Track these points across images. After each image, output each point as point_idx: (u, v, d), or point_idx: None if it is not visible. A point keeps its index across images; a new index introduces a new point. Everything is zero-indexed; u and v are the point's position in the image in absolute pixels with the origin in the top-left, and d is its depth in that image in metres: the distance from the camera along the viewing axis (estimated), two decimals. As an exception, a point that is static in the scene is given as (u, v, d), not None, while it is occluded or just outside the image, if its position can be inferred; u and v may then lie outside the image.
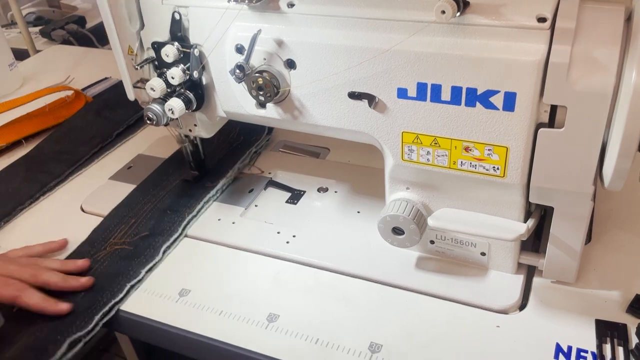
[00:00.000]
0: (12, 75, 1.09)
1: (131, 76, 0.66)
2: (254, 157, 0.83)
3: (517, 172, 0.52)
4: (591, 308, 0.56)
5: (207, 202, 0.74)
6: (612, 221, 0.66)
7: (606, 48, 0.46)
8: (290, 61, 0.56)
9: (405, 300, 0.60)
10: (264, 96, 0.58)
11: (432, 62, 0.50)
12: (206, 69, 0.63)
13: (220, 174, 0.78)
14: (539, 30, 0.46)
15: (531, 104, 0.48)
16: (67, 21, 1.37)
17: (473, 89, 0.49)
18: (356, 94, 0.55)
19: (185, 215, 0.71)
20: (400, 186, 0.61)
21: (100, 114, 0.95)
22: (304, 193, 0.76)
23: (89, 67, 1.15)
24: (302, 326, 0.57)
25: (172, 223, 0.70)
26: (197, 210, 0.73)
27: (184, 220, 0.71)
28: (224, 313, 0.60)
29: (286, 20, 0.56)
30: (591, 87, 0.45)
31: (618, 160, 0.45)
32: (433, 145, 0.54)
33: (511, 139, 0.50)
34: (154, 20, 0.63)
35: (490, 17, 0.48)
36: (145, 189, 0.77)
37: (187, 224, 0.71)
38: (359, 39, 0.53)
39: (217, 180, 0.77)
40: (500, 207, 0.56)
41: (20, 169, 0.84)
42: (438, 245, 0.62)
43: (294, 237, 0.68)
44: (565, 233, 0.55)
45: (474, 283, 0.60)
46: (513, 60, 0.47)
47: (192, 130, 0.71)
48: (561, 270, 0.58)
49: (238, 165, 0.80)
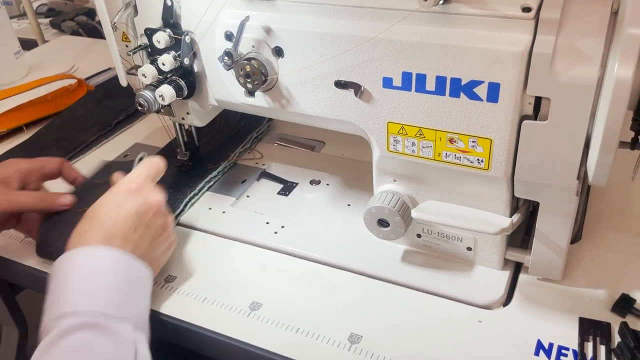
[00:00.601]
0: (18, 63, 1.10)
1: (125, 63, 0.66)
2: (254, 142, 0.84)
3: (501, 165, 0.51)
4: (576, 306, 0.56)
5: (208, 182, 0.76)
6: (603, 220, 0.65)
7: (591, 40, 0.45)
8: (278, 49, 0.56)
9: (389, 293, 0.59)
10: (252, 84, 0.58)
11: (416, 52, 0.50)
12: (197, 56, 0.63)
13: (222, 157, 0.80)
14: (523, 20, 0.46)
15: (515, 95, 0.47)
16: (77, 13, 1.39)
17: (457, 79, 0.49)
18: (342, 82, 0.55)
19: (188, 193, 0.73)
20: (388, 178, 0.60)
21: (100, 102, 0.96)
22: (296, 185, 0.76)
23: (95, 57, 1.16)
24: (284, 315, 0.57)
25: (174, 200, 0.71)
26: (198, 189, 0.74)
27: (185, 197, 0.72)
28: (207, 300, 0.60)
29: (274, 7, 0.56)
30: (575, 79, 0.45)
31: (600, 155, 0.44)
32: (418, 136, 0.54)
33: (495, 131, 0.50)
34: (147, 6, 0.63)
35: (475, 6, 0.47)
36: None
37: (189, 201, 0.72)
38: (346, 27, 0.52)
39: (218, 163, 0.78)
40: (485, 201, 0.56)
41: (19, 155, 0.84)
42: (424, 239, 0.62)
43: (283, 228, 0.68)
44: (551, 229, 0.54)
45: (459, 278, 0.60)
46: (497, 50, 0.46)
47: (185, 118, 0.71)
48: (547, 267, 0.57)
49: (239, 149, 0.81)
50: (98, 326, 0.48)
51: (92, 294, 0.51)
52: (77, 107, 0.95)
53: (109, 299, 0.51)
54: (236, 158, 0.81)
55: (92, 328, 0.48)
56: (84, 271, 0.52)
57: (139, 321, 0.52)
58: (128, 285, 0.53)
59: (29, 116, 0.93)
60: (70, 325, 0.48)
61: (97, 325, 0.48)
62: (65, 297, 0.50)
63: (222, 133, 0.84)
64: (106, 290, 0.51)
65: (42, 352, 0.47)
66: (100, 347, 0.47)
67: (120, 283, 0.53)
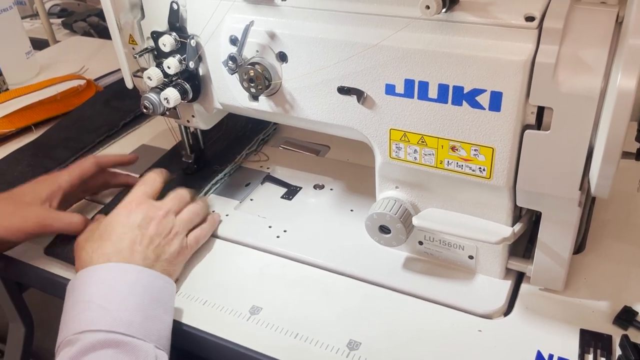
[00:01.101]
0: (29, 63, 1.11)
1: (131, 65, 0.67)
2: (261, 145, 0.85)
3: (503, 174, 0.51)
4: (577, 317, 0.55)
5: (214, 184, 0.76)
6: (607, 231, 0.65)
7: (595, 50, 0.45)
8: (282, 54, 0.56)
9: (389, 299, 0.59)
10: (256, 88, 0.58)
11: (419, 59, 0.49)
12: (203, 60, 0.63)
13: (228, 158, 0.80)
14: (526, 29, 0.46)
15: (517, 105, 0.47)
16: (89, 14, 1.40)
17: (459, 87, 0.49)
18: (345, 88, 0.55)
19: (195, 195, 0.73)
20: (390, 184, 0.60)
21: (108, 103, 0.96)
22: (299, 189, 0.76)
23: (105, 58, 1.17)
24: (283, 320, 0.57)
25: None
26: (205, 191, 0.75)
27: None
28: (208, 303, 0.60)
29: (279, 13, 0.56)
30: (578, 89, 0.45)
31: (602, 166, 0.44)
32: (420, 143, 0.54)
33: (497, 139, 0.50)
34: (154, 10, 0.63)
35: (478, 14, 0.47)
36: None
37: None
38: (349, 34, 0.52)
39: (225, 164, 0.79)
40: (487, 210, 0.55)
41: (27, 154, 0.85)
42: (426, 247, 0.62)
43: (285, 232, 0.68)
44: (553, 240, 0.54)
45: (460, 286, 0.59)
46: (500, 59, 0.46)
47: (190, 121, 0.71)
48: (549, 278, 0.57)
49: (246, 151, 0.82)
50: (120, 343, 0.49)
51: (114, 311, 0.51)
52: (85, 107, 0.96)
53: (131, 319, 0.51)
54: (242, 160, 0.81)
55: (115, 346, 0.49)
56: (104, 288, 0.53)
57: (160, 339, 0.53)
58: (150, 301, 0.54)
59: (38, 116, 0.94)
60: (93, 342, 0.49)
61: (120, 343, 0.49)
62: (86, 314, 0.51)
63: (229, 135, 0.85)
64: (128, 309, 0.52)
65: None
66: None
67: (142, 300, 0.54)
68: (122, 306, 0.52)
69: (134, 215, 0.60)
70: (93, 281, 0.54)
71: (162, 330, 0.54)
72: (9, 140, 0.91)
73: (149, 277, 0.56)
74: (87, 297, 0.53)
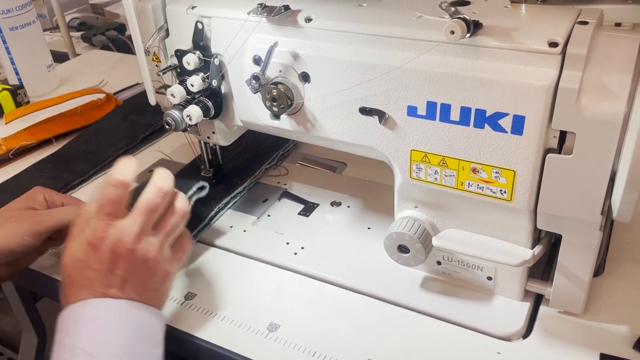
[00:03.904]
0: (50, 76, 1.13)
1: (154, 82, 0.68)
2: (280, 160, 0.86)
3: (524, 197, 0.51)
4: (597, 341, 0.55)
5: (234, 198, 0.77)
6: (627, 254, 0.64)
7: (618, 76, 0.45)
8: (305, 74, 0.57)
9: (407, 319, 0.59)
10: (278, 107, 0.59)
11: (442, 82, 0.50)
12: (225, 78, 0.64)
13: (248, 172, 0.81)
14: (550, 54, 0.46)
15: (540, 129, 0.47)
16: (108, 27, 1.42)
17: (482, 110, 0.49)
18: (367, 109, 0.55)
19: (214, 207, 0.74)
20: (409, 204, 0.60)
21: (128, 117, 0.98)
22: (317, 206, 0.76)
23: (124, 72, 1.19)
24: (301, 338, 0.58)
25: (200, 213, 0.72)
26: (224, 203, 0.75)
27: (211, 211, 0.73)
28: (226, 319, 0.61)
29: (303, 34, 0.57)
30: (601, 115, 0.45)
31: (625, 191, 0.44)
32: (441, 164, 0.54)
33: (519, 162, 0.50)
34: (179, 28, 0.65)
35: (502, 39, 0.48)
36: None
37: (215, 215, 0.74)
38: (372, 56, 0.53)
39: (244, 178, 0.80)
40: (507, 232, 0.56)
41: (47, 167, 0.87)
42: (444, 267, 0.62)
43: (302, 249, 0.69)
44: (574, 263, 0.54)
45: (478, 307, 0.59)
46: (523, 84, 0.47)
47: (210, 137, 0.72)
48: (568, 301, 0.57)
49: (266, 165, 0.83)
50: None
51: (99, 357, 0.49)
52: (105, 121, 0.97)
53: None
54: (262, 175, 0.82)
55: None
56: (89, 330, 0.50)
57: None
58: (137, 339, 0.51)
59: (59, 129, 0.95)
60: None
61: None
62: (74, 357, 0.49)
63: (249, 149, 0.86)
64: (115, 354, 0.49)
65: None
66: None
67: (129, 339, 0.51)
68: (108, 350, 0.49)
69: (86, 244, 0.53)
70: (78, 321, 0.51)
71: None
72: (30, 152, 0.93)
73: (137, 312, 0.53)
74: (73, 342, 0.50)
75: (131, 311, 0.53)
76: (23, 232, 0.61)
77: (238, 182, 0.79)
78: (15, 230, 0.61)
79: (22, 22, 1.06)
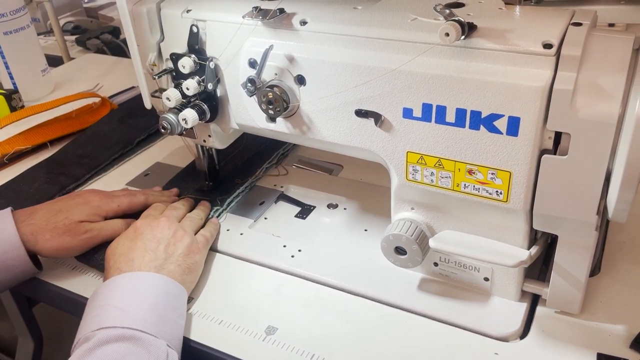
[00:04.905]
0: (45, 80, 1.13)
1: (149, 86, 0.68)
2: (281, 159, 0.87)
3: (520, 198, 0.51)
4: (594, 341, 0.55)
5: (236, 197, 0.78)
6: (623, 254, 0.65)
7: (612, 77, 0.45)
8: (301, 77, 0.57)
9: (404, 321, 0.59)
10: (274, 110, 0.59)
11: (437, 84, 0.50)
12: (221, 81, 0.64)
13: (249, 172, 0.82)
14: (544, 56, 0.46)
15: (535, 130, 0.48)
16: (102, 31, 1.42)
17: (477, 112, 0.49)
18: (363, 112, 0.55)
19: (217, 205, 0.75)
20: (405, 206, 0.61)
21: (123, 121, 0.97)
22: (313, 208, 0.76)
23: (118, 76, 1.18)
24: (299, 341, 0.58)
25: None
26: (227, 203, 0.76)
27: (211, 211, 0.75)
28: (223, 322, 0.60)
29: (298, 37, 0.57)
30: (596, 116, 0.45)
31: (620, 191, 0.44)
32: (437, 166, 0.54)
33: (514, 164, 0.50)
34: (174, 32, 0.65)
35: (497, 41, 0.48)
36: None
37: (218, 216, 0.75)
38: (367, 58, 0.53)
39: (246, 178, 0.81)
40: (503, 232, 0.56)
41: (43, 171, 0.86)
42: (441, 268, 0.62)
43: (300, 252, 0.69)
44: (570, 263, 0.54)
45: (475, 308, 0.60)
46: (517, 85, 0.47)
47: (207, 140, 0.72)
48: (565, 301, 0.57)
49: (266, 165, 0.84)
50: (134, 338, 0.52)
51: (129, 311, 0.54)
52: (100, 125, 0.97)
53: (145, 318, 0.54)
54: (263, 174, 0.83)
55: (129, 340, 0.51)
56: (121, 292, 0.57)
57: (172, 339, 0.55)
58: (164, 305, 0.57)
59: (54, 133, 0.95)
60: (108, 336, 0.51)
61: (133, 338, 0.52)
62: (105, 314, 0.54)
63: (249, 149, 0.86)
64: (143, 309, 0.55)
65: (79, 358, 0.50)
66: (134, 355, 0.50)
67: (157, 303, 0.56)
68: (138, 306, 0.55)
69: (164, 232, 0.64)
70: (112, 288, 0.58)
71: (174, 332, 0.56)
72: (25, 157, 0.92)
73: (166, 284, 0.59)
74: (106, 302, 0.56)
75: (161, 281, 0.59)
76: (73, 249, 0.66)
77: (239, 182, 0.80)
78: (68, 245, 0.65)
79: (16, 27, 1.05)
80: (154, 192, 0.77)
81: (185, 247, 0.64)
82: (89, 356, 0.50)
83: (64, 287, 0.67)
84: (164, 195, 0.76)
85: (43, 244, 0.64)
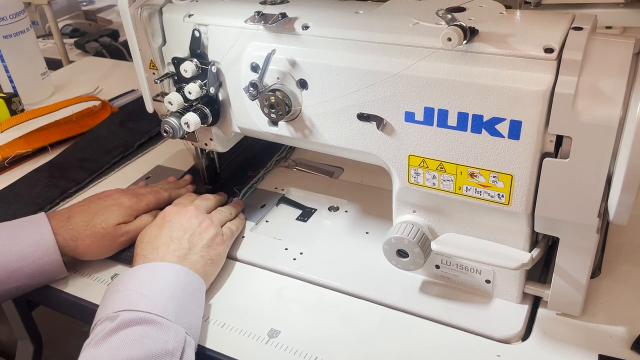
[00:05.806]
0: (44, 83, 1.13)
1: (151, 89, 0.68)
2: (289, 152, 0.88)
3: (521, 201, 0.52)
4: (595, 342, 0.55)
5: (250, 188, 0.80)
6: (623, 256, 0.65)
7: (613, 80, 0.46)
8: (303, 81, 0.58)
9: (406, 323, 0.60)
10: (276, 114, 0.59)
11: (439, 88, 0.51)
12: (223, 85, 0.64)
13: (260, 164, 0.84)
14: (545, 60, 0.47)
15: (536, 133, 0.48)
16: (101, 34, 1.42)
17: (479, 115, 0.50)
18: (365, 115, 0.56)
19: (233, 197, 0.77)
20: (407, 209, 0.61)
21: (124, 124, 0.98)
22: (314, 211, 0.77)
23: (118, 79, 1.18)
24: (302, 343, 0.58)
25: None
26: (242, 194, 0.78)
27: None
28: (226, 326, 0.61)
29: (300, 41, 0.57)
30: (597, 119, 0.45)
31: (622, 194, 0.45)
32: (439, 169, 0.55)
33: (516, 167, 0.50)
34: (176, 36, 0.65)
35: (498, 46, 0.48)
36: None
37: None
38: (369, 62, 0.54)
39: (257, 170, 0.83)
40: (505, 235, 0.56)
41: (43, 175, 0.86)
42: (443, 270, 0.62)
43: (301, 255, 0.69)
44: (571, 265, 0.55)
45: (477, 310, 0.60)
46: (519, 89, 0.47)
47: (208, 144, 0.72)
48: (566, 303, 0.57)
49: (276, 158, 0.86)
50: (154, 322, 0.53)
51: (151, 297, 0.56)
52: (100, 128, 0.97)
53: (166, 305, 0.56)
54: (273, 166, 0.85)
55: (149, 323, 0.53)
56: (144, 279, 0.59)
57: (190, 328, 0.56)
58: (184, 295, 0.58)
59: (54, 136, 0.95)
60: (130, 318, 0.53)
61: (154, 322, 0.53)
62: (128, 297, 0.56)
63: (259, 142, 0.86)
64: (163, 298, 0.56)
65: (101, 338, 0.52)
66: (153, 338, 0.52)
67: (177, 293, 0.58)
68: (159, 294, 0.56)
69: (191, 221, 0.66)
70: (137, 275, 0.59)
71: (193, 321, 0.57)
72: (26, 160, 0.92)
73: (186, 275, 0.60)
74: (128, 286, 0.57)
75: (182, 272, 0.60)
76: (111, 252, 0.69)
77: (252, 174, 0.82)
78: (107, 249, 0.68)
79: (15, 30, 1.05)
80: (171, 184, 0.79)
81: (210, 238, 0.65)
82: (111, 336, 0.51)
83: (64, 290, 0.67)
84: (183, 188, 0.78)
85: (84, 249, 0.66)
